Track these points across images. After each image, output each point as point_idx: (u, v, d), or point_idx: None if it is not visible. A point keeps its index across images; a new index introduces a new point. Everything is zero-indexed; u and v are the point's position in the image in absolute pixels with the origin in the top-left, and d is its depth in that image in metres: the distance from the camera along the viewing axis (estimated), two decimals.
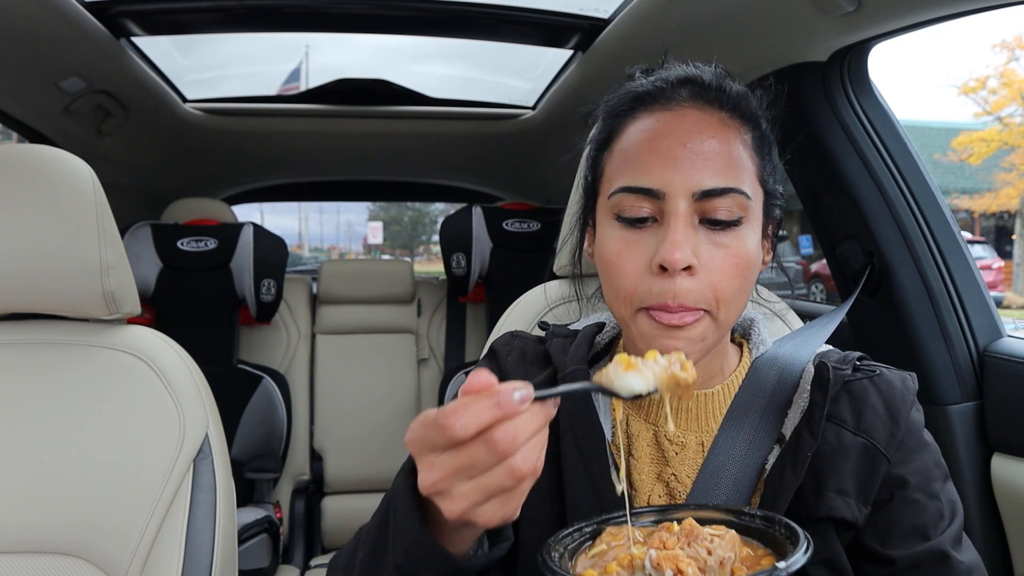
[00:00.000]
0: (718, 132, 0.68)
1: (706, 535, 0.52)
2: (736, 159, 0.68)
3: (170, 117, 2.27)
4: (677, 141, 0.67)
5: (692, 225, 0.67)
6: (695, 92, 0.70)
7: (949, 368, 1.31)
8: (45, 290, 0.97)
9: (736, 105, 0.70)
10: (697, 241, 0.67)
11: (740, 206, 0.67)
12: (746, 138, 0.70)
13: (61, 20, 1.48)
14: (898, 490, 0.70)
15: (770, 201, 0.74)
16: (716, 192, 0.66)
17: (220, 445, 1.01)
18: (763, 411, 0.73)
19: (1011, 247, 12.63)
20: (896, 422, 0.71)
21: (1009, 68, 12.09)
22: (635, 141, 0.70)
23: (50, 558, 0.92)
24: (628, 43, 1.63)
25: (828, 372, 0.71)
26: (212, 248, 2.42)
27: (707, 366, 0.76)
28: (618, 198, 0.69)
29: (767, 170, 0.72)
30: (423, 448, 0.50)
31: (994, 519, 1.26)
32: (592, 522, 0.59)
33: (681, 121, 0.69)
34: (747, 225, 0.68)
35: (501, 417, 0.47)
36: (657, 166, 0.67)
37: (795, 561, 0.47)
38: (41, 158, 0.96)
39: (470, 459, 0.48)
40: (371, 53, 2.35)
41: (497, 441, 0.47)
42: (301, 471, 2.54)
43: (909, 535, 0.69)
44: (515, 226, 2.70)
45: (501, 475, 0.48)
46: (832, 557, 0.68)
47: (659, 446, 0.76)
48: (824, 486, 0.69)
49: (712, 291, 0.66)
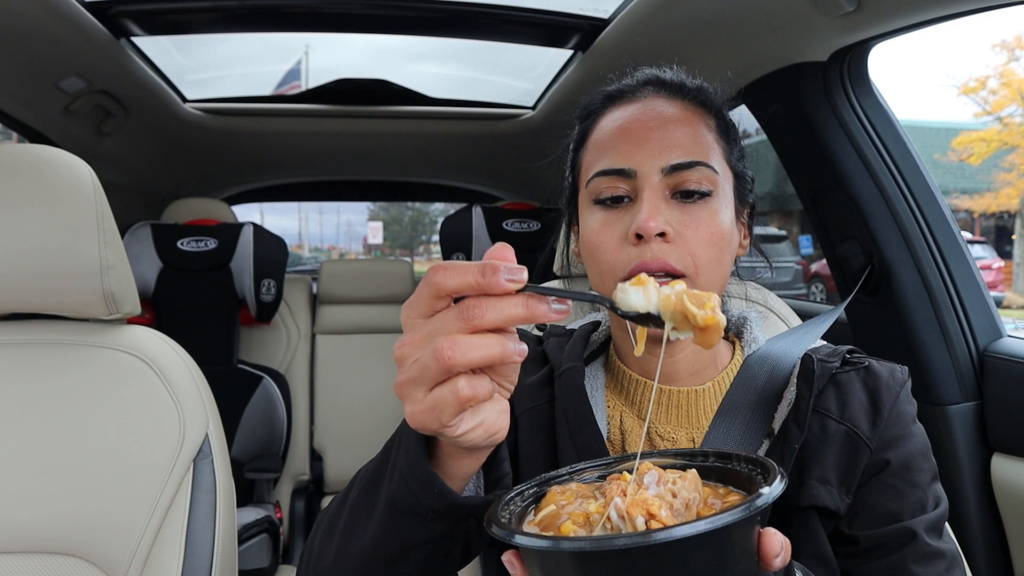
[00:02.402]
0: (682, 116, 0.74)
1: (669, 477, 0.48)
2: (701, 139, 0.74)
3: (170, 117, 2.27)
4: (645, 125, 0.74)
5: (665, 199, 0.72)
6: (659, 87, 0.78)
7: (949, 368, 1.31)
8: (45, 290, 0.97)
9: (696, 96, 0.77)
10: (671, 213, 0.71)
11: (708, 179, 0.72)
12: (709, 123, 0.76)
13: (61, 20, 1.48)
14: (877, 473, 0.70)
15: (741, 185, 0.78)
16: (684, 165, 0.71)
17: (220, 445, 1.01)
18: (753, 407, 0.74)
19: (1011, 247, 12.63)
20: (879, 411, 0.71)
21: (1009, 68, 12.09)
22: (607, 131, 0.76)
23: (50, 558, 0.92)
24: (628, 43, 1.63)
25: (813, 364, 0.72)
26: (212, 248, 2.42)
27: (696, 361, 0.77)
28: (595, 183, 0.74)
29: (734, 155, 0.78)
30: (410, 311, 0.49)
31: (994, 519, 1.26)
32: (533, 483, 0.54)
33: (647, 109, 0.75)
34: (718, 198, 0.73)
35: (482, 286, 0.45)
36: (628, 148, 0.73)
37: (775, 487, 0.43)
38: (41, 158, 0.96)
39: (441, 322, 0.46)
40: (371, 53, 2.35)
41: (466, 307, 0.45)
42: (301, 471, 2.54)
43: (880, 518, 0.68)
44: (515, 226, 2.70)
45: (461, 350, 0.45)
46: (817, 546, 0.68)
47: (651, 443, 0.77)
48: (807, 475, 0.69)
49: (690, 256, 0.70)
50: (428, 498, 0.55)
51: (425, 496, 0.55)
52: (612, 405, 0.80)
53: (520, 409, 0.80)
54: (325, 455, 2.61)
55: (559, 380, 0.80)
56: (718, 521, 0.39)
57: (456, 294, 0.47)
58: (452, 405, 0.47)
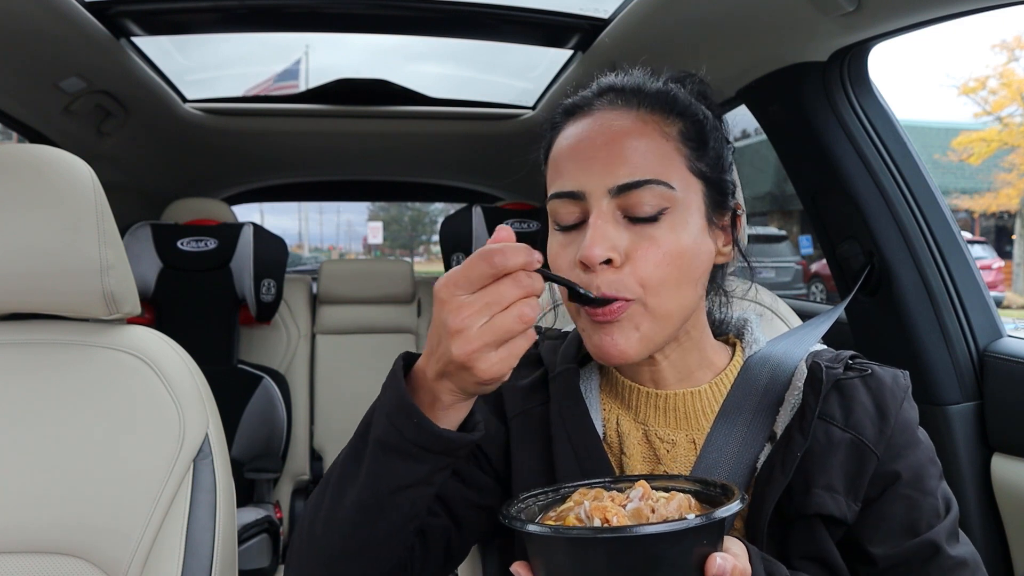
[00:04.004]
0: (634, 129, 0.70)
1: (654, 495, 0.56)
2: (655, 152, 0.69)
3: (170, 117, 2.27)
4: (592, 143, 0.70)
5: (614, 221, 0.69)
6: (614, 96, 0.74)
7: (949, 368, 1.31)
8: (45, 290, 0.97)
9: (656, 101, 0.72)
10: (620, 236, 0.68)
11: (662, 197, 0.68)
12: (668, 131, 0.71)
13: (61, 20, 1.48)
14: (889, 486, 0.70)
15: (716, 191, 0.73)
16: (633, 185, 0.68)
17: (220, 445, 1.01)
18: (755, 409, 0.74)
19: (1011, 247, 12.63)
20: (885, 418, 0.71)
21: (1009, 68, 12.08)
22: (560, 149, 0.74)
23: (50, 558, 0.92)
24: (628, 43, 1.63)
25: (821, 373, 0.71)
26: (212, 248, 2.42)
27: (683, 362, 0.77)
28: (552, 206, 0.73)
29: (705, 160, 0.72)
30: (456, 289, 0.57)
31: (994, 519, 1.26)
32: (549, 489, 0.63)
33: (597, 124, 0.72)
34: (675, 216, 0.69)
35: (530, 262, 0.57)
36: (576, 169, 0.71)
37: (702, 518, 0.50)
38: (41, 158, 0.96)
39: (499, 293, 0.57)
40: (371, 53, 2.35)
41: (521, 280, 0.57)
42: (301, 471, 2.54)
43: (898, 531, 0.69)
44: (515, 226, 2.70)
45: (513, 317, 0.57)
46: (823, 553, 0.68)
47: (650, 444, 0.76)
48: (812, 483, 0.69)
49: (638, 281, 0.68)
50: (411, 431, 0.61)
51: (409, 429, 0.61)
52: (608, 408, 0.80)
53: (513, 412, 0.80)
54: (325, 455, 2.61)
55: (554, 382, 0.80)
56: (637, 531, 0.49)
57: (513, 271, 0.57)
58: (522, 348, 0.58)
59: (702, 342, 0.78)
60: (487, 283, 0.57)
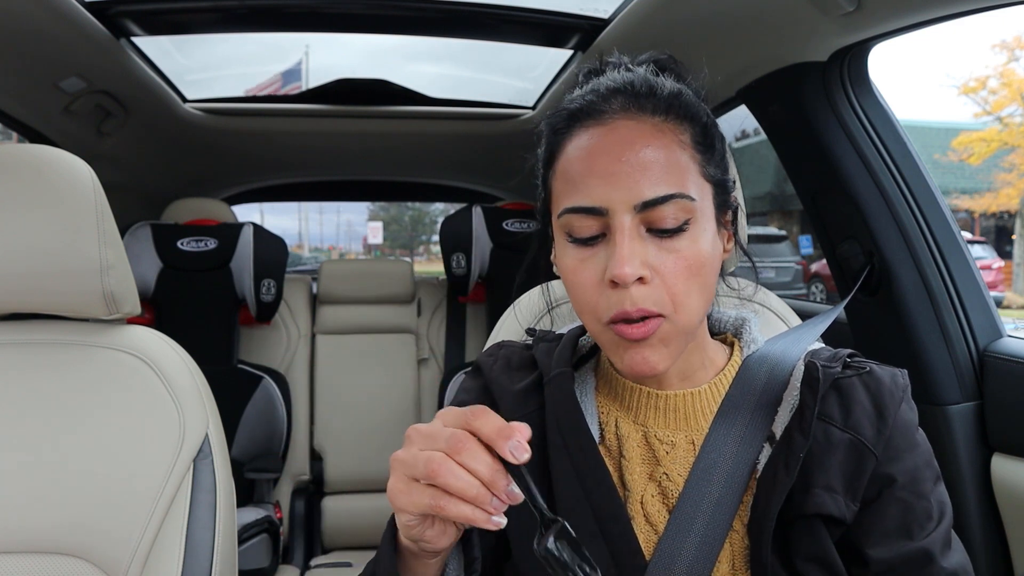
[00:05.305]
0: (652, 140, 0.68)
1: None
2: (675, 163, 0.68)
3: (170, 117, 2.27)
4: (613, 157, 0.68)
5: (639, 236, 0.67)
6: (626, 102, 0.70)
7: (949, 368, 1.31)
8: (45, 290, 0.97)
9: (670, 106, 0.70)
10: (646, 251, 0.67)
11: (685, 209, 0.68)
12: (683, 138, 0.70)
13: (61, 20, 1.48)
14: (886, 488, 0.70)
15: (721, 192, 0.73)
16: (657, 201, 0.66)
17: (220, 445, 1.01)
18: (753, 408, 0.74)
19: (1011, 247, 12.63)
20: (884, 418, 0.71)
21: (1009, 68, 12.09)
22: (573, 161, 0.71)
23: (50, 558, 0.92)
24: (628, 43, 1.63)
25: (818, 372, 0.71)
26: (212, 248, 2.42)
27: (686, 363, 0.77)
28: (566, 219, 0.70)
29: (713, 162, 0.72)
30: (398, 463, 0.59)
31: (994, 519, 1.26)
32: None
33: (614, 135, 0.69)
34: (696, 226, 0.69)
35: (498, 446, 0.58)
36: (596, 184, 0.68)
37: None
38: (41, 158, 0.96)
39: (430, 451, 0.57)
40: (371, 53, 2.35)
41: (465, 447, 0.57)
42: (301, 471, 2.54)
43: (892, 534, 0.69)
44: (515, 226, 2.69)
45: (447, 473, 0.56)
46: (823, 554, 0.68)
47: (649, 446, 0.76)
48: (812, 483, 0.69)
49: (669, 296, 0.67)
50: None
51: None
52: (606, 410, 0.79)
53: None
54: (325, 455, 2.61)
55: (548, 386, 0.79)
56: None
57: (482, 439, 0.58)
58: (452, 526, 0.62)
59: (704, 342, 0.79)
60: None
